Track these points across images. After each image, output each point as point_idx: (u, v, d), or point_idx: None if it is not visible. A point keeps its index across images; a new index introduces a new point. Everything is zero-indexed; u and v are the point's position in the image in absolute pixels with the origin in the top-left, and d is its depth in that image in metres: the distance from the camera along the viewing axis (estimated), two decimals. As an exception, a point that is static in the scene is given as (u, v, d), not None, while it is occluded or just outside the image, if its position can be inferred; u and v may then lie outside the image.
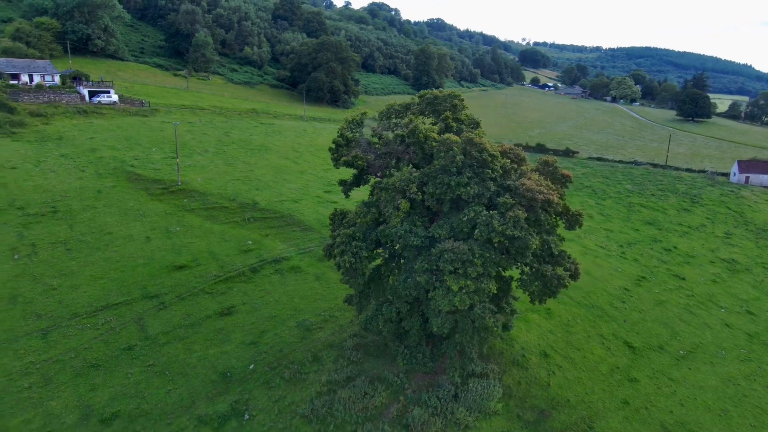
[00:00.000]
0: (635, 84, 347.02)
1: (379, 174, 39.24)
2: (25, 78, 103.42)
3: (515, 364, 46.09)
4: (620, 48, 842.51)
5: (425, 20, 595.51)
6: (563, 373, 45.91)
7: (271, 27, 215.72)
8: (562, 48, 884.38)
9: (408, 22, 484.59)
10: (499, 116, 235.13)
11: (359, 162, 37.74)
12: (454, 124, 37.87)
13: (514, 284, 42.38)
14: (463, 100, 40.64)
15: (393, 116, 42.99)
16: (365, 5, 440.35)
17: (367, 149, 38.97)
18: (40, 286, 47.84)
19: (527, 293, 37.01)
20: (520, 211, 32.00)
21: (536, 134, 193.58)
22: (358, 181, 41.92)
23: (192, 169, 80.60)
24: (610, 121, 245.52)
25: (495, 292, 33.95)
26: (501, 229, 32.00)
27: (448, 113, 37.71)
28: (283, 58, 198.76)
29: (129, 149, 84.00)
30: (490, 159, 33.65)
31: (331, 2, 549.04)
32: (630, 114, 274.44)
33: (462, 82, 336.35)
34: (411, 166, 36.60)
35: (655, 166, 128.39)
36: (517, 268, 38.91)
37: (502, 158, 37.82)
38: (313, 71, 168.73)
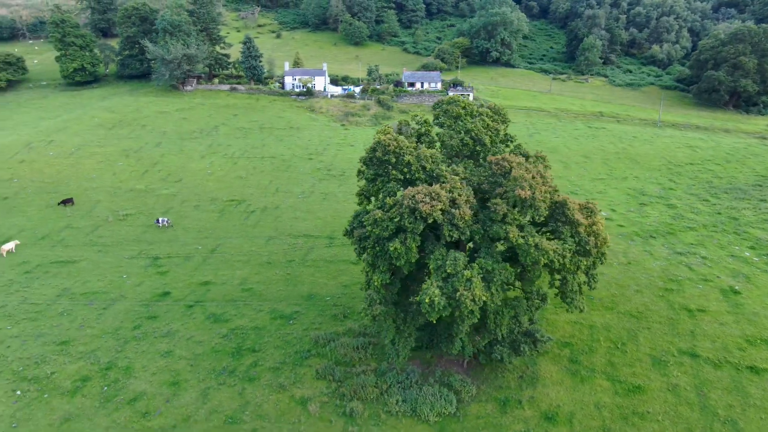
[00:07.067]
0: None
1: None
2: (418, 85, 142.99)
3: (499, 402, 41.27)
4: None
5: None
6: (541, 440, 37.73)
7: (705, 18, 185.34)
8: None
9: None
10: None
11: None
12: (429, 129, 39.13)
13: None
14: (462, 104, 39.34)
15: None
16: None
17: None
18: (292, 215, 78.33)
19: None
20: (378, 212, 33.67)
21: None
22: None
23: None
24: None
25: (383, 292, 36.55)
26: (368, 226, 34.85)
27: (428, 117, 39.36)
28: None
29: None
30: (395, 160, 35.73)
31: None
32: None
33: None
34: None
35: None
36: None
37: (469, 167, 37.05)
38: (713, 69, 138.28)
